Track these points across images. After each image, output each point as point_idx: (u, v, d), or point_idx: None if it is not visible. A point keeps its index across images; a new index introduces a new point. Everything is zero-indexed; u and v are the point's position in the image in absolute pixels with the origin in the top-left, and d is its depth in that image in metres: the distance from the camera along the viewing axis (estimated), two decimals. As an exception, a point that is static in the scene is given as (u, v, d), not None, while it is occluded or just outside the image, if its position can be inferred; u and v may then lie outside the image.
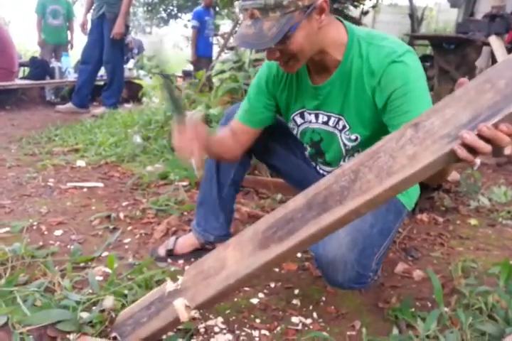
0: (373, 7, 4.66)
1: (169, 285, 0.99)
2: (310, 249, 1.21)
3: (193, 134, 1.12)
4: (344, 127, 1.23)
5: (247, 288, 1.33)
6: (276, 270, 1.45)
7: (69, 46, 6.26)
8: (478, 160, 2.47)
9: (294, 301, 1.28)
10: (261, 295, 1.31)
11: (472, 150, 0.71)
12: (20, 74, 5.49)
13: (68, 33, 6.15)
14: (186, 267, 1.46)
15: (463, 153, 0.71)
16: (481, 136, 0.70)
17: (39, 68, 5.19)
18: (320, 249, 1.11)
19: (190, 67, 6.23)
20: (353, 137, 1.23)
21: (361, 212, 0.80)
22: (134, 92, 5.40)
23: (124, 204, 2.00)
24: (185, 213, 1.89)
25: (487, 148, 0.70)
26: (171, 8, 12.58)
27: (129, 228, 1.74)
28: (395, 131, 0.81)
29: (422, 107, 1.07)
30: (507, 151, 2.96)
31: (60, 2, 5.94)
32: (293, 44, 1.04)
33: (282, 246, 0.84)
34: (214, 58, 5.22)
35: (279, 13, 0.99)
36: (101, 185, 2.24)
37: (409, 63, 1.08)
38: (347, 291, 1.32)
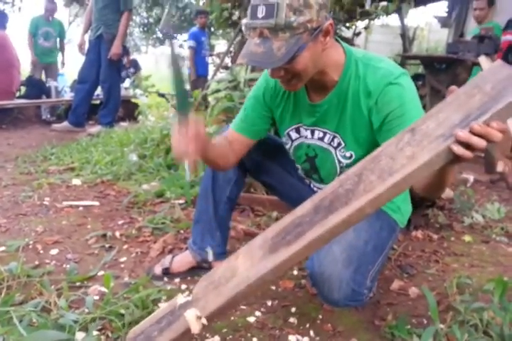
0: (365, 28, 4.76)
1: (180, 299, 0.98)
2: (305, 267, 1.22)
3: (192, 135, 1.06)
4: (339, 144, 1.26)
5: (243, 307, 1.33)
6: (273, 288, 1.46)
7: (60, 65, 6.34)
8: (471, 177, 2.48)
9: (291, 319, 1.28)
10: (258, 313, 1.31)
11: (468, 146, 0.74)
12: (17, 94, 5.53)
13: (59, 53, 6.25)
14: (183, 285, 1.46)
15: (459, 149, 0.74)
16: (473, 133, 0.74)
17: (35, 87, 5.24)
18: (315, 266, 1.12)
19: (186, 87, 6.29)
20: (347, 154, 1.26)
21: (366, 211, 0.82)
22: (130, 111, 5.45)
23: (120, 222, 2.00)
24: (182, 231, 1.90)
25: (481, 142, 0.73)
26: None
27: (125, 246, 1.74)
28: (394, 137, 0.85)
29: None
30: (499, 168, 3.00)
31: (52, 24, 6.03)
32: (298, 64, 1.07)
33: (291, 248, 0.85)
34: (210, 77, 5.30)
35: (288, 34, 1.02)
36: (97, 203, 2.25)
37: (405, 85, 1.12)
38: (343, 309, 1.32)
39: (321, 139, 1.28)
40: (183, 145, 1.06)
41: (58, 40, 6.14)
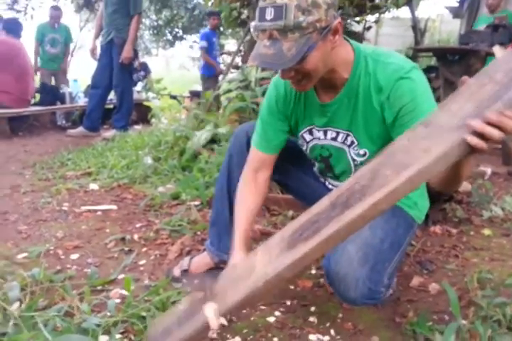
0: (376, 22, 4.71)
1: (199, 295, 0.99)
2: (322, 266, 1.22)
3: None
4: (352, 143, 1.25)
5: (263, 307, 1.34)
6: (292, 287, 1.46)
7: (67, 71, 6.46)
8: (488, 170, 2.44)
9: (311, 318, 1.28)
10: (277, 313, 1.31)
11: (482, 137, 0.72)
12: (32, 101, 5.62)
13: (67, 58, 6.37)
14: (202, 287, 1.47)
15: (473, 140, 0.72)
16: (487, 123, 0.72)
17: (49, 94, 5.32)
18: (331, 265, 1.12)
19: (197, 88, 6.34)
20: (361, 152, 1.25)
21: (382, 206, 0.81)
22: (143, 114, 5.51)
23: (138, 225, 2.02)
24: (199, 233, 1.91)
25: (495, 132, 0.72)
26: (177, 30, 12.81)
27: (144, 249, 1.76)
28: (407, 131, 0.85)
29: None
30: (517, 160, 2.95)
31: (59, 30, 6.11)
32: (309, 64, 1.07)
33: (308, 244, 0.84)
34: (220, 78, 5.32)
35: (297, 34, 1.02)
36: (114, 207, 2.27)
37: (416, 79, 1.11)
38: (362, 307, 1.32)
39: (334, 139, 1.28)
40: None
41: (64, 45, 6.23)
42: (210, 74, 6.14)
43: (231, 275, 0.98)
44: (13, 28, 4.74)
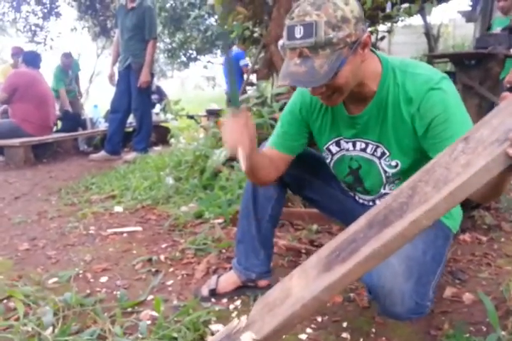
0: (389, 32, 4.71)
1: (236, 323, 0.98)
2: (364, 281, 1.17)
3: (243, 125, 1.10)
4: (383, 154, 1.24)
5: (293, 324, 1.32)
6: (321, 302, 1.44)
7: (79, 96, 6.77)
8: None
9: (344, 334, 1.26)
10: (309, 330, 1.29)
11: None
12: (54, 128, 5.77)
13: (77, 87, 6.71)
14: (231, 306, 1.46)
15: None
16: None
17: (71, 121, 5.46)
18: (375, 280, 1.08)
19: (213, 107, 6.42)
20: (393, 163, 1.24)
21: (423, 223, 0.79)
22: (161, 135, 5.59)
23: (164, 246, 2.03)
24: (224, 250, 1.91)
25: None
26: (190, 51, 13.05)
27: (171, 270, 1.77)
28: (447, 147, 0.83)
29: (463, 131, 1.08)
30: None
31: (73, 71, 6.38)
32: (340, 79, 1.07)
33: (346, 265, 0.83)
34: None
35: (329, 51, 1.02)
36: (139, 228, 2.29)
37: (447, 90, 1.10)
38: (398, 321, 1.29)
39: (364, 150, 1.27)
40: (235, 133, 1.09)
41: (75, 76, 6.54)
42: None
43: (267, 300, 0.96)
44: (32, 60, 4.91)
